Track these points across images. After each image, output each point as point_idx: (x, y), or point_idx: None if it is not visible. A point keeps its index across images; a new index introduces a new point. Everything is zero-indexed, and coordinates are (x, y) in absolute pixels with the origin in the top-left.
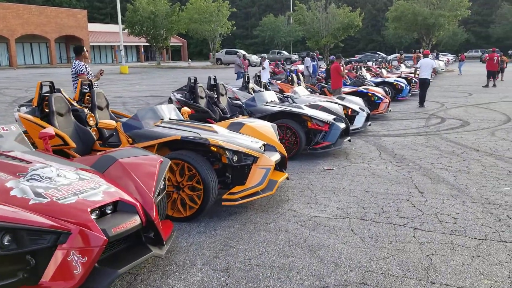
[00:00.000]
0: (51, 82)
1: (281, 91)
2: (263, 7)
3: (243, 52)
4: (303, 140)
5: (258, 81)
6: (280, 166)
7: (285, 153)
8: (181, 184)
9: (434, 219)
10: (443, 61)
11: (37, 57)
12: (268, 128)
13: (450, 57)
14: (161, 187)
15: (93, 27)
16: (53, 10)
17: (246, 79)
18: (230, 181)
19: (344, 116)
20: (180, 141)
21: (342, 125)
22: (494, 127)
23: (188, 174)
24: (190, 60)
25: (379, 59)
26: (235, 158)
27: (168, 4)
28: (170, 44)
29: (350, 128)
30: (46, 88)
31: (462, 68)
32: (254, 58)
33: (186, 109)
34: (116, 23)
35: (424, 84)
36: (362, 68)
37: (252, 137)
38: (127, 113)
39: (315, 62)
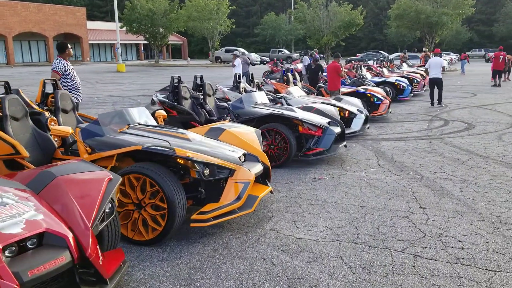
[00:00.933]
0: (6, 82)
1: (276, 91)
2: (265, 5)
3: (242, 50)
4: (294, 146)
5: (250, 80)
6: (264, 178)
7: (269, 164)
8: (142, 202)
9: (437, 243)
10: (446, 60)
11: (35, 55)
12: (251, 135)
13: (453, 56)
14: (107, 210)
15: (92, 25)
16: (51, 7)
17: (237, 79)
18: (204, 197)
19: (339, 119)
20: (143, 151)
21: (337, 130)
22: (501, 130)
23: (150, 190)
24: (189, 59)
25: (381, 58)
26: (207, 171)
27: (167, 1)
28: (170, 42)
29: (347, 131)
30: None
31: (464, 67)
32: (254, 56)
33: (161, 112)
34: (120, 21)
35: (436, 83)
36: (362, 68)
37: (231, 145)
38: None
39: None
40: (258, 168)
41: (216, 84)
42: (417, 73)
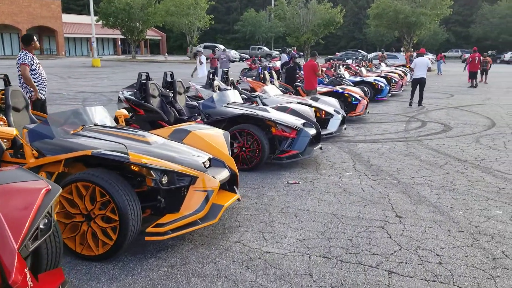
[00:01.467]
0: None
1: (252, 90)
2: (245, 1)
3: (222, 46)
4: (266, 149)
5: (225, 78)
6: (231, 185)
7: (236, 169)
8: (92, 213)
9: (414, 257)
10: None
11: (8, 48)
12: (219, 138)
13: (430, 56)
14: (42, 226)
15: (68, 18)
16: None
17: (211, 76)
18: (164, 206)
19: (315, 121)
20: (93, 156)
21: (312, 131)
22: (478, 132)
23: (101, 200)
24: (167, 54)
25: (359, 57)
26: (165, 179)
27: None
28: (149, 37)
29: (323, 132)
30: None
31: (441, 67)
32: (234, 53)
33: (122, 111)
34: (96, 14)
35: (420, 83)
36: (340, 67)
37: (197, 149)
38: None
39: None
40: (224, 174)
41: (189, 82)
42: (395, 72)
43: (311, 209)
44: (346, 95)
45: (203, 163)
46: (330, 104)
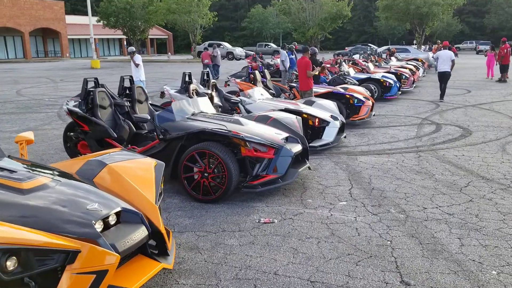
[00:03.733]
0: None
1: (242, 92)
2: None
3: (227, 44)
4: (234, 174)
5: (205, 80)
6: (159, 246)
7: (160, 224)
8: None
9: None
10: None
11: (11, 51)
12: (146, 173)
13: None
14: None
15: (72, 19)
16: (26, 1)
17: (187, 78)
18: None
19: (301, 133)
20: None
21: (296, 148)
22: (503, 138)
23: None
24: (169, 54)
25: (368, 52)
26: (11, 262)
27: None
28: (156, 37)
29: (317, 144)
30: None
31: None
32: (239, 51)
33: (24, 135)
34: (97, 15)
35: (443, 77)
36: (343, 63)
37: (106, 193)
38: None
39: (294, 56)
40: (138, 236)
41: (164, 86)
42: (406, 67)
43: (280, 271)
44: (348, 96)
45: (104, 220)
46: (327, 109)
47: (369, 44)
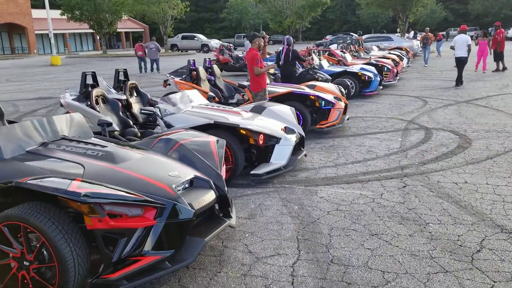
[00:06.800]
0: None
1: (163, 97)
2: None
3: (202, 36)
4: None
5: (120, 82)
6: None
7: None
8: None
9: None
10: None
11: None
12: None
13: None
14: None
15: (39, 13)
16: None
17: (84, 79)
18: None
19: (217, 170)
20: None
21: (184, 215)
22: None
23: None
24: None
25: (348, 41)
26: None
27: None
28: (131, 30)
29: (264, 170)
30: None
31: (440, 49)
32: (214, 43)
33: None
34: (66, 9)
35: (460, 62)
36: (314, 54)
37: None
38: None
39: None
40: (207, 198)
41: (65, 90)
42: (388, 58)
43: None
44: (312, 97)
45: None
46: (281, 117)
47: (352, 33)
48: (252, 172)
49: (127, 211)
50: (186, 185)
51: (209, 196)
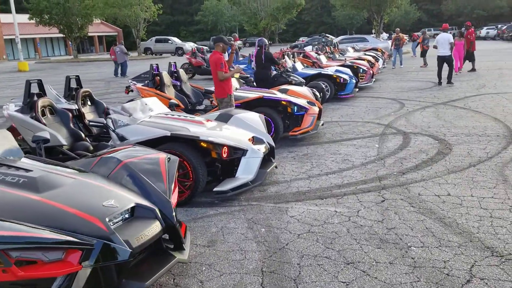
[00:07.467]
0: None
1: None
2: None
3: (176, 39)
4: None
5: (72, 90)
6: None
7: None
8: None
9: None
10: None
11: None
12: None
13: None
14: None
15: (7, 18)
16: None
17: (28, 88)
18: None
19: (163, 195)
20: None
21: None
22: (496, 154)
23: None
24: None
25: (323, 42)
26: None
27: None
28: (104, 34)
29: (229, 187)
30: None
31: (416, 49)
32: (188, 46)
33: None
34: (34, 13)
35: (443, 61)
36: (286, 56)
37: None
38: None
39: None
40: (150, 232)
41: (11, 99)
42: (363, 59)
43: None
44: (284, 102)
45: None
46: (249, 126)
47: (327, 35)
48: (215, 189)
49: (43, 257)
50: (126, 216)
51: (153, 228)
